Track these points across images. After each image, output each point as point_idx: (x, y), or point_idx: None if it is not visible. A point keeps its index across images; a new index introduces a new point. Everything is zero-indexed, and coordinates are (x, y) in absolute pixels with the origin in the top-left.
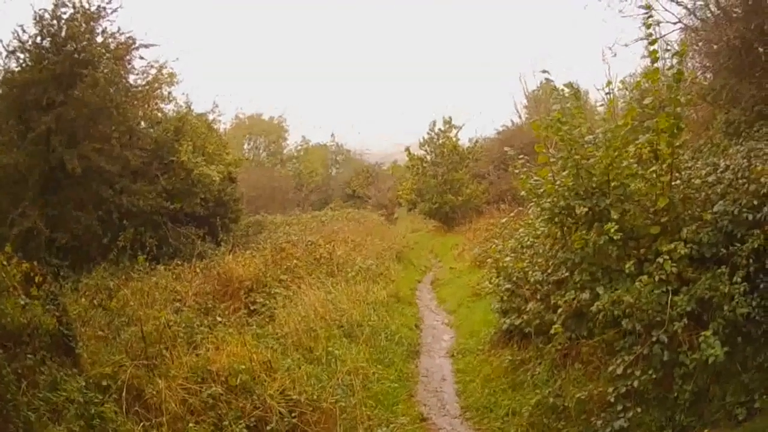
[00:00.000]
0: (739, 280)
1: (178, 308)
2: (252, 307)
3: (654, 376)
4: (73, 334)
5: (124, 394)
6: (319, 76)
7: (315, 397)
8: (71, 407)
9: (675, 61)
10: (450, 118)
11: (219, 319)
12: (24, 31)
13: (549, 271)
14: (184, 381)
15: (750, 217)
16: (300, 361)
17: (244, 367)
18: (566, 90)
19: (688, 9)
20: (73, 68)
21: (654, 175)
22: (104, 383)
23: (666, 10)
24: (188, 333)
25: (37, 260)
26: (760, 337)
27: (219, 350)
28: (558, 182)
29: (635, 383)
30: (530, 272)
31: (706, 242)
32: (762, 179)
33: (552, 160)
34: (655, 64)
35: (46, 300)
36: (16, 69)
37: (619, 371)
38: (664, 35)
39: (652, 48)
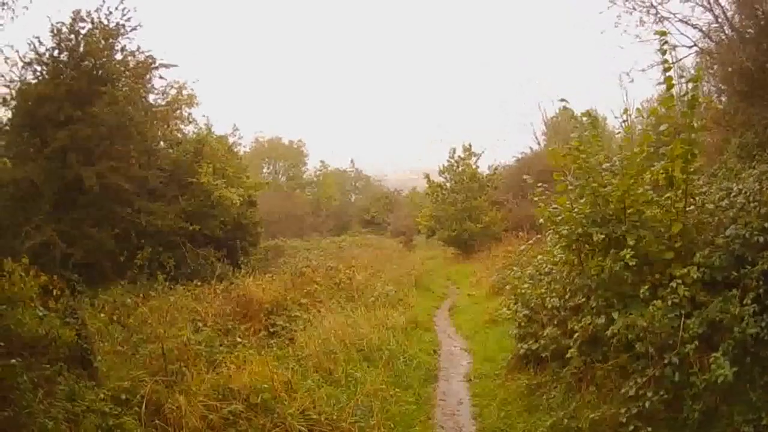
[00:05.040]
0: (749, 301)
1: (198, 327)
2: (272, 329)
3: (665, 396)
4: (92, 348)
5: (143, 408)
6: (325, 87)
7: (334, 417)
8: (91, 416)
9: (690, 86)
10: (470, 145)
11: (239, 339)
12: (41, 44)
13: (566, 297)
14: (205, 398)
15: (761, 239)
16: (320, 382)
17: (266, 386)
18: (584, 118)
19: (703, 32)
20: (92, 85)
21: (669, 202)
22: (123, 397)
23: (681, 33)
24: (209, 352)
25: (52, 275)
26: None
27: (240, 369)
28: (575, 210)
29: (647, 404)
30: (547, 298)
31: (718, 266)
32: None
33: (570, 187)
34: (671, 91)
35: (65, 313)
36: (33, 81)
37: (632, 393)
38: (680, 59)
39: (667, 75)
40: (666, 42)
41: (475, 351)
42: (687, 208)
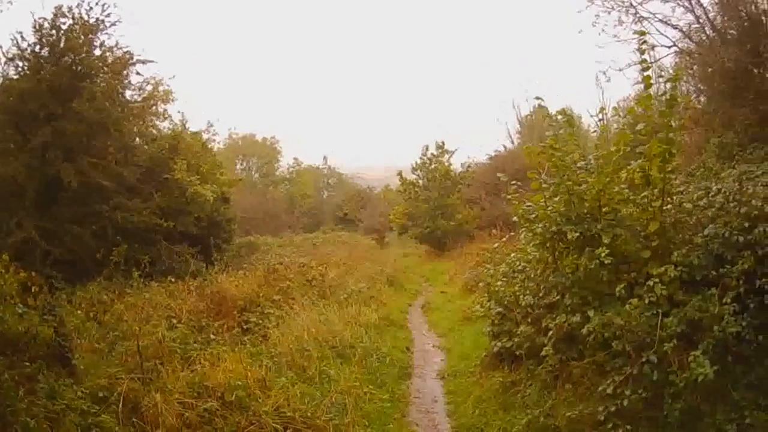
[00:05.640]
0: (729, 300)
1: (172, 325)
2: (245, 326)
3: (644, 395)
4: (70, 346)
5: (120, 406)
6: (309, 87)
7: (309, 414)
8: (70, 415)
9: (669, 86)
10: (443, 142)
11: (213, 336)
12: (23, 39)
13: (540, 294)
14: (180, 395)
15: (740, 239)
16: (294, 380)
17: (240, 383)
18: (560, 117)
19: (683, 32)
20: (72, 81)
21: (645, 200)
22: (101, 395)
23: (661, 33)
24: (183, 349)
25: (33, 272)
26: (750, 356)
27: (215, 366)
28: (550, 208)
29: (625, 402)
30: (521, 296)
31: (697, 265)
32: (753, 201)
33: (544, 185)
34: (649, 90)
35: (44, 310)
36: (15, 77)
37: (609, 391)
38: (659, 59)
39: (645, 74)
40: (645, 42)
41: (449, 348)
42: (664, 207)
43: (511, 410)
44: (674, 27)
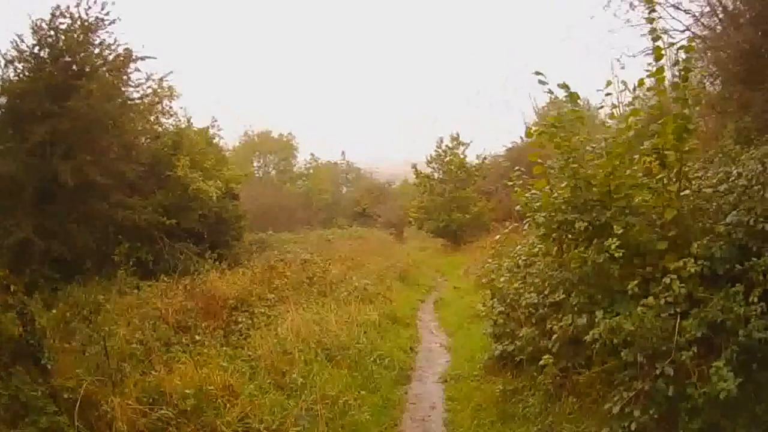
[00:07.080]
0: (755, 299)
1: (155, 325)
2: (235, 327)
3: (656, 415)
4: (41, 345)
5: (76, 408)
6: (323, 83)
7: (275, 427)
8: (32, 416)
9: (682, 56)
10: (458, 134)
11: (197, 337)
12: (22, 41)
13: (545, 293)
14: (135, 401)
15: (767, 227)
16: (269, 386)
17: (189, 391)
18: (561, 91)
19: (695, 16)
20: (69, 80)
21: (661, 185)
22: (66, 396)
23: (673, 17)
24: (144, 351)
25: (31, 271)
26: None
27: (172, 371)
28: (555, 195)
29: (632, 426)
30: (524, 294)
31: (719, 257)
32: None
33: (550, 171)
34: (660, 61)
35: (15, 308)
36: (14, 79)
37: (616, 410)
38: (672, 44)
39: (656, 44)
40: (654, 10)
41: (456, 348)
42: (681, 192)
43: (510, 422)
44: (686, 12)
